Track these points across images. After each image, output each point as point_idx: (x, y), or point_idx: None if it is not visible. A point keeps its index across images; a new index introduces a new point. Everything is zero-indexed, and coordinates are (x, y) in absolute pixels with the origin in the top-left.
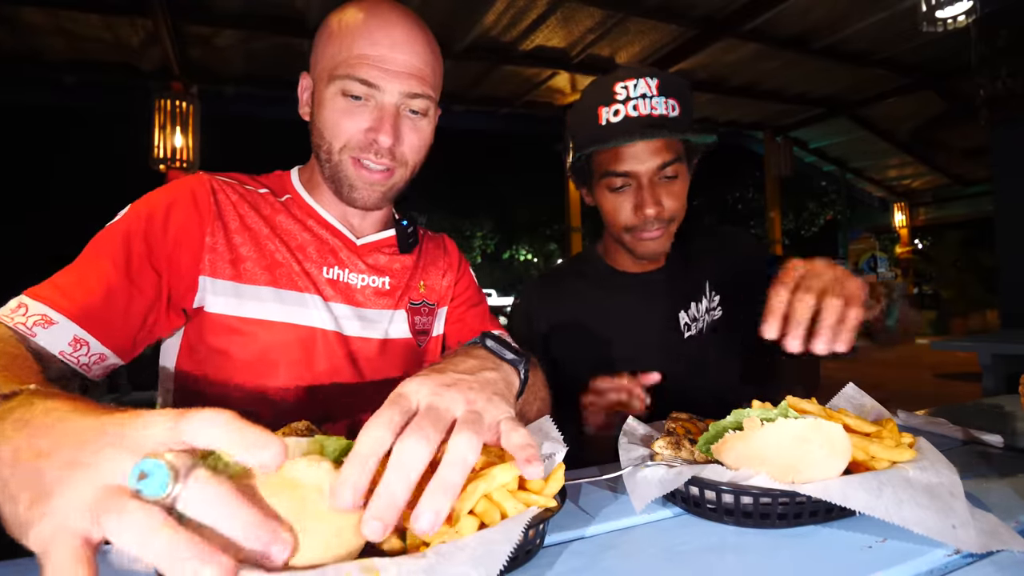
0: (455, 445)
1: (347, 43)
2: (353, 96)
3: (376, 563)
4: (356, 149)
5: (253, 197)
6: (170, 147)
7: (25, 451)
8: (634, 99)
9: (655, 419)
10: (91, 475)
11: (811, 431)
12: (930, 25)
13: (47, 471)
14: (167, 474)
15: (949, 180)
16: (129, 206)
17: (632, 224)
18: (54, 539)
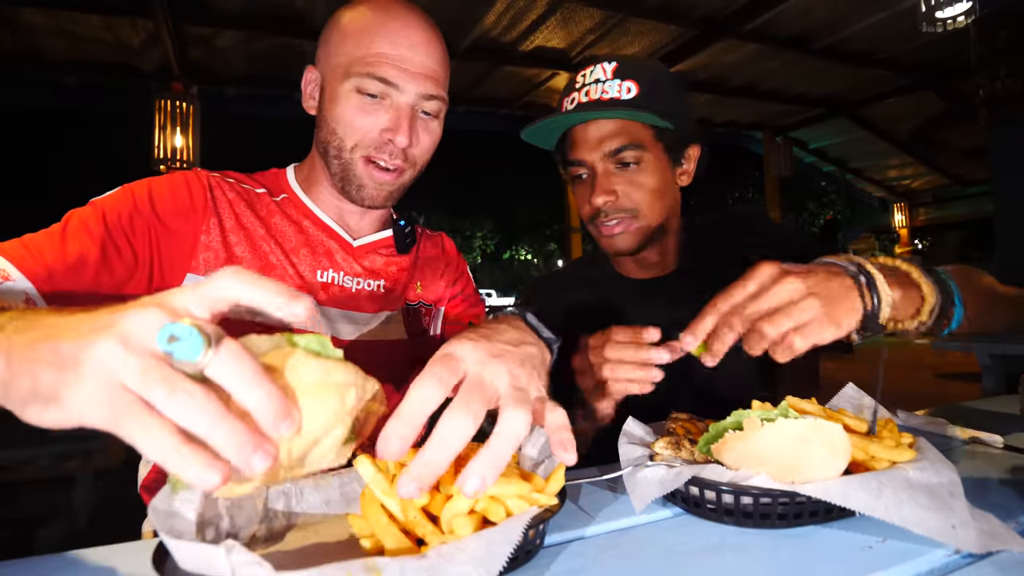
0: (508, 420)
1: (365, 41)
2: (370, 95)
3: (378, 562)
4: (370, 148)
5: (250, 196)
6: (170, 147)
7: (38, 338)
8: (587, 85)
9: (658, 419)
10: (116, 333)
11: (811, 431)
12: (930, 25)
13: (64, 344)
14: (200, 339)
15: (949, 180)
16: (121, 186)
17: (589, 215)
18: (100, 396)
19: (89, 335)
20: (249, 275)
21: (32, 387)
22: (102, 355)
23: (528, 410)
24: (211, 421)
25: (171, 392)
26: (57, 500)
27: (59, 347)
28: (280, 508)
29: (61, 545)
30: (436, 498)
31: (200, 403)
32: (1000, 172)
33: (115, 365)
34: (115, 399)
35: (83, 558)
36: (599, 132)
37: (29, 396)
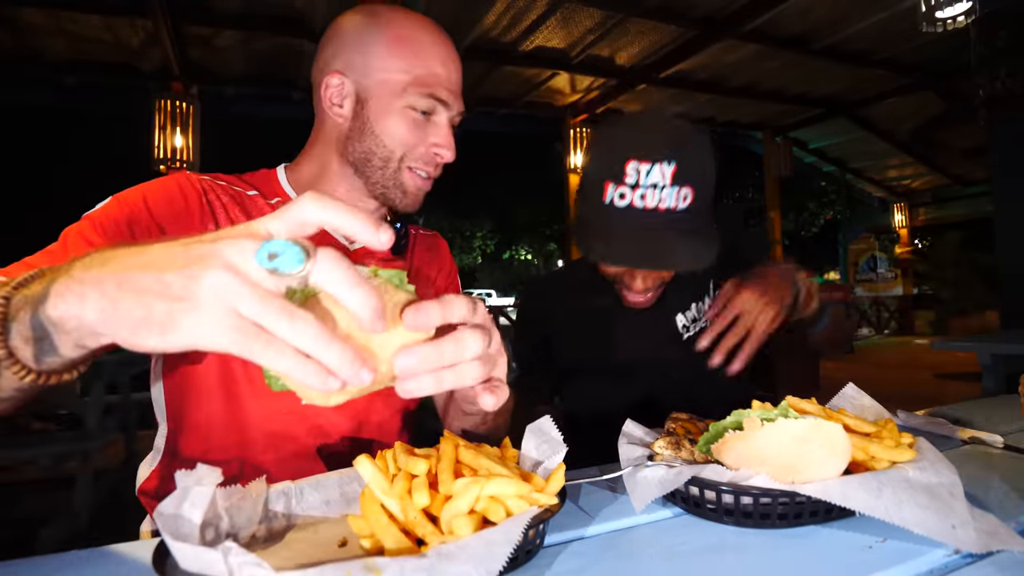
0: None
1: (420, 60)
2: (422, 111)
3: (378, 562)
4: (418, 161)
5: (243, 199)
6: (170, 147)
7: (132, 267)
8: (644, 187)
9: (654, 420)
10: (221, 262)
11: (811, 431)
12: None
13: (168, 275)
14: (299, 249)
15: (949, 180)
16: (111, 196)
17: (621, 283)
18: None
19: (194, 265)
20: (332, 200)
21: (144, 315)
22: (216, 285)
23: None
24: (325, 343)
25: (291, 321)
26: (57, 500)
27: (164, 278)
28: (280, 508)
29: (62, 545)
30: (436, 498)
31: (315, 329)
32: (1000, 172)
33: (231, 295)
34: (238, 327)
35: (83, 558)
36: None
37: (141, 324)
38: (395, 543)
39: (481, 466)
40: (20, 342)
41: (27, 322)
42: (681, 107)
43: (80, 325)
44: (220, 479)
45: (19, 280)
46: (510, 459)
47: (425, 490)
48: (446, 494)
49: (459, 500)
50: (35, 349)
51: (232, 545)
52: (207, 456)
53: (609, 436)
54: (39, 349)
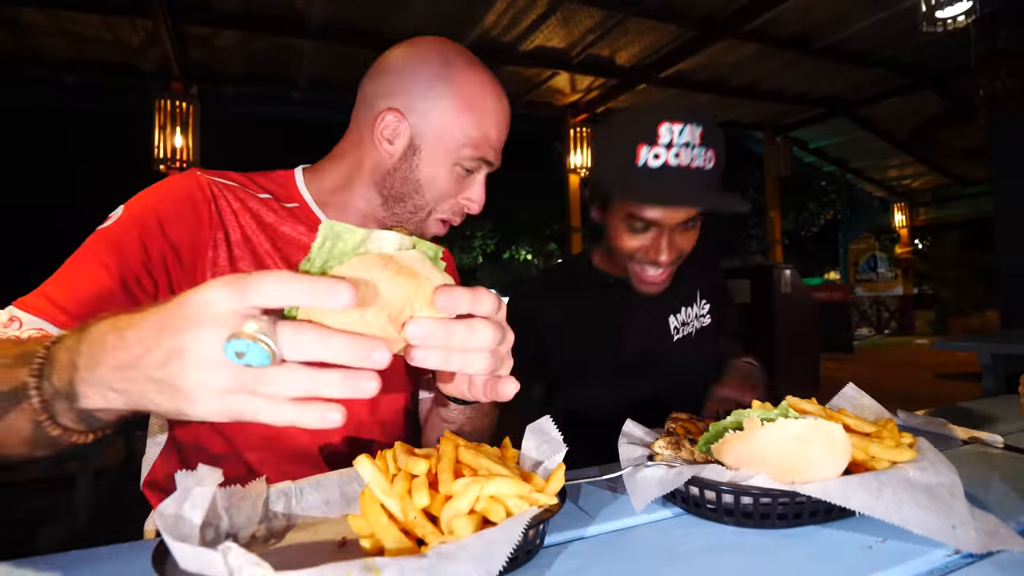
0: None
1: (481, 123)
2: (467, 169)
3: (377, 562)
4: (448, 212)
5: (254, 204)
6: (170, 147)
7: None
8: (677, 146)
9: (648, 419)
10: (190, 359)
11: (811, 431)
12: (930, 25)
13: (152, 373)
14: (261, 348)
15: (949, 180)
16: (122, 207)
17: (640, 257)
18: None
19: (169, 364)
20: (286, 275)
21: (157, 408)
22: (196, 382)
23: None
24: (312, 380)
25: (269, 384)
26: (57, 500)
27: (151, 376)
28: (280, 508)
29: (62, 545)
30: (436, 498)
31: (296, 375)
32: (1000, 172)
33: (214, 383)
34: (230, 405)
35: (84, 558)
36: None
37: (154, 411)
38: (395, 543)
39: (481, 466)
40: (68, 422)
41: (68, 412)
42: None
43: (113, 410)
44: (221, 479)
45: (35, 367)
46: (510, 459)
47: (425, 490)
48: (446, 494)
49: (459, 500)
50: (84, 425)
51: (232, 545)
52: (209, 449)
53: (604, 436)
54: (88, 424)
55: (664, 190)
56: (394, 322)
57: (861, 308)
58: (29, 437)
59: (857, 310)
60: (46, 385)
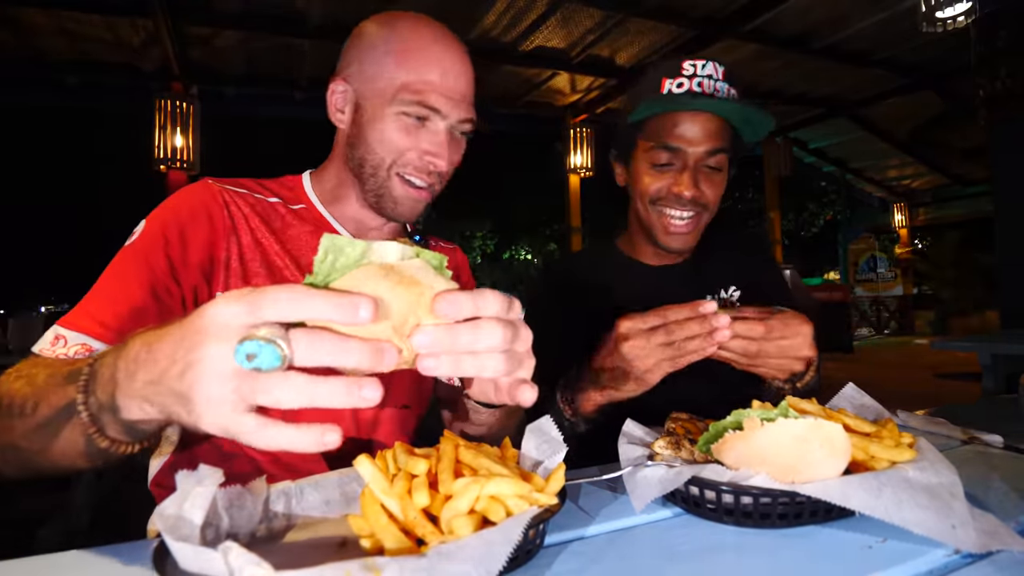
0: None
1: (413, 67)
2: (415, 118)
3: (377, 562)
4: (408, 167)
5: (264, 208)
6: (170, 147)
7: (149, 380)
8: (700, 76)
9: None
10: (201, 371)
11: (811, 431)
12: (930, 25)
13: (172, 385)
14: (273, 348)
15: (949, 180)
16: (144, 222)
17: (663, 196)
18: (224, 420)
19: (185, 376)
20: (296, 290)
21: (180, 420)
22: (206, 395)
23: None
24: (312, 392)
25: (267, 393)
26: (57, 500)
27: (172, 389)
28: (280, 508)
29: (62, 545)
30: (436, 498)
31: (295, 382)
32: (1000, 172)
33: (221, 397)
34: (232, 425)
35: (84, 557)
36: (706, 128)
37: (180, 423)
38: (395, 543)
39: (481, 466)
40: (114, 434)
41: (113, 423)
42: None
43: (151, 420)
44: (221, 479)
45: (81, 384)
46: (510, 459)
47: (425, 490)
48: (446, 494)
49: (459, 500)
50: (129, 436)
51: (232, 545)
52: (220, 448)
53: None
54: (132, 435)
55: (684, 103)
56: (398, 332)
57: (861, 308)
58: (84, 450)
59: (857, 310)
60: (92, 400)
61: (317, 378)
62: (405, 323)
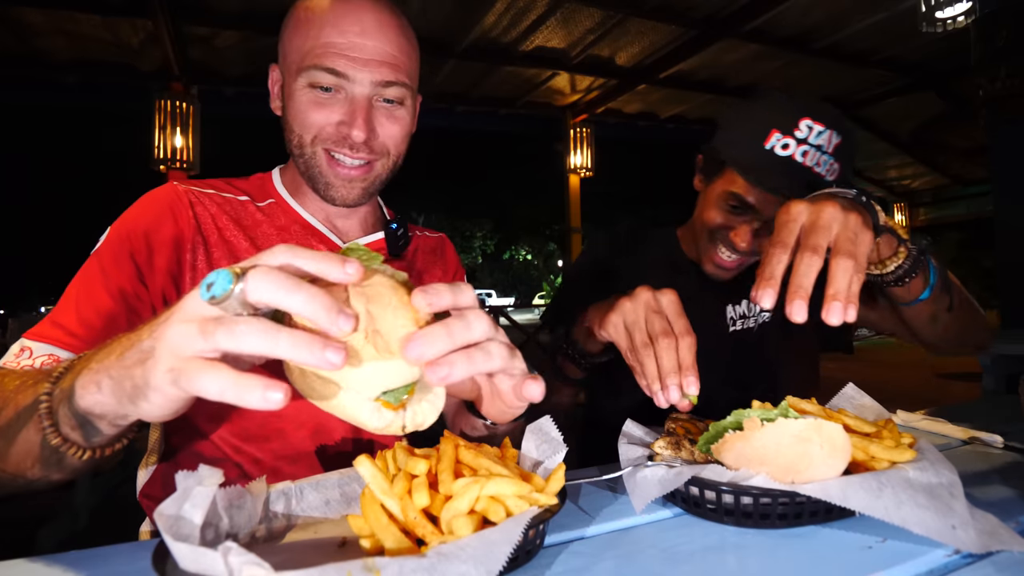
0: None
1: (314, 32)
2: (323, 88)
3: (377, 562)
4: (328, 142)
5: (232, 206)
6: (170, 147)
7: (125, 348)
8: (810, 145)
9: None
10: (173, 316)
11: (811, 431)
12: (930, 25)
13: (144, 342)
14: (227, 273)
15: (949, 180)
16: (109, 228)
17: (721, 236)
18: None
19: (157, 327)
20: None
21: (132, 385)
22: (168, 336)
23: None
24: (271, 337)
25: (228, 329)
26: (57, 500)
27: (141, 346)
28: (280, 508)
29: (62, 545)
30: (436, 498)
31: (256, 326)
32: (1000, 172)
33: (179, 338)
34: (183, 366)
35: (83, 558)
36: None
37: (133, 393)
38: (395, 543)
39: (481, 466)
40: (68, 429)
41: (68, 414)
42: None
43: (105, 410)
44: (221, 479)
45: (56, 375)
46: (510, 459)
47: (425, 490)
48: (446, 494)
49: (459, 500)
50: (82, 433)
51: (232, 545)
52: (205, 457)
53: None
54: (85, 433)
55: (775, 177)
56: (372, 339)
57: None
58: (38, 453)
59: None
60: (57, 391)
61: (281, 327)
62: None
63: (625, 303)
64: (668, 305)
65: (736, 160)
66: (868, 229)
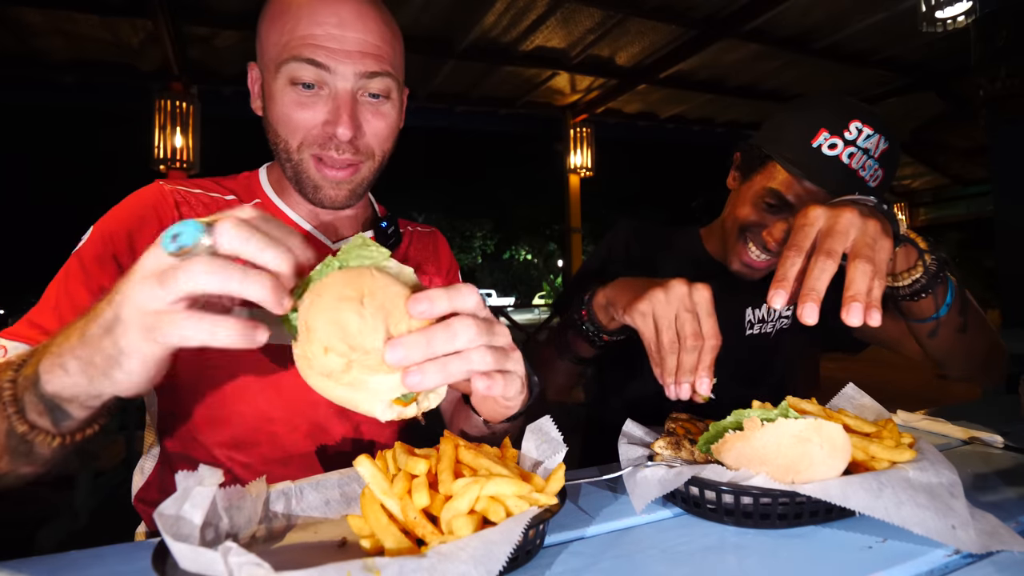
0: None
1: (290, 24)
2: (304, 85)
3: (377, 562)
4: (315, 146)
5: (220, 205)
6: (170, 147)
7: (86, 325)
8: (858, 147)
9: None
10: (132, 276)
11: (811, 431)
12: (930, 25)
13: (106, 312)
14: (198, 224)
15: (949, 180)
16: (92, 228)
17: (754, 233)
18: (146, 322)
19: (115, 296)
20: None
21: (103, 358)
22: (131, 295)
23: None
24: (231, 275)
25: (186, 270)
26: (57, 500)
27: (104, 318)
28: (280, 508)
29: (62, 545)
30: (436, 498)
31: (214, 264)
32: (1000, 172)
33: (142, 295)
34: (153, 322)
35: (83, 558)
36: (824, 195)
37: (106, 366)
38: (395, 543)
39: (481, 466)
40: (36, 416)
41: (35, 399)
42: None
43: (75, 392)
44: (221, 479)
45: (20, 361)
46: (510, 459)
47: (425, 490)
48: (446, 494)
49: (459, 500)
50: (51, 418)
51: (232, 545)
52: (192, 460)
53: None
54: (54, 418)
55: (819, 175)
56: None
57: None
58: (5, 443)
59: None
60: (21, 378)
61: (238, 264)
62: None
63: (659, 293)
64: (701, 303)
65: (782, 154)
66: (888, 237)
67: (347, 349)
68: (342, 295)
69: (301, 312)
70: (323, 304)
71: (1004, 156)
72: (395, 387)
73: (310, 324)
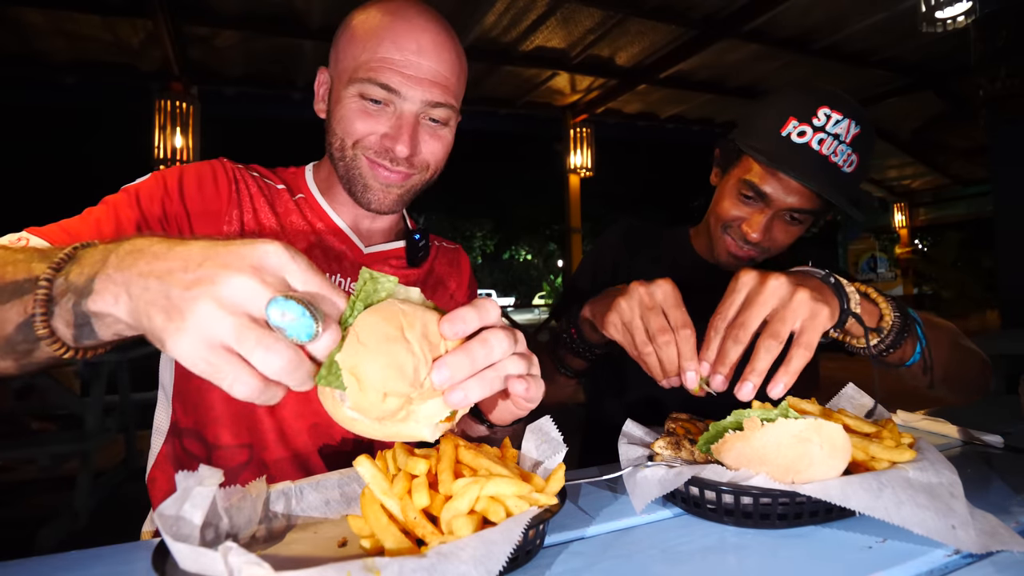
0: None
1: (371, 45)
2: (373, 100)
3: (377, 562)
4: (370, 151)
5: (271, 192)
6: (170, 147)
7: (151, 274)
8: (828, 133)
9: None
10: (215, 292)
11: (811, 431)
12: (930, 25)
13: (172, 289)
14: (312, 322)
15: (949, 180)
16: (150, 175)
17: (734, 227)
18: (200, 349)
19: (193, 288)
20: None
21: (149, 325)
22: (202, 315)
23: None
24: (292, 369)
25: (263, 351)
26: (57, 500)
27: (169, 292)
28: (280, 508)
29: (62, 545)
30: (436, 498)
31: (287, 362)
32: (1000, 172)
33: (213, 327)
34: (210, 356)
35: (83, 558)
36: (800, 190)
37: (146, 329)
38: (395, 543)
39: (481, 466)
40: (61, 325)
41: (70, 310)
42: (686, 106)
43: (116, 319)
44: (221, 479)
45: (56, 261)
46: (510, 459)
47: (425, 490)
48: (446, 494)
49: (459, 500)
50: (76, 332)
51: (232, 545)
52: (209, 439)
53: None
54: (79, 333)
55: (789, 163)
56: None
57: None
58: (9, 334)
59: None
60: (60, 280)
61: (299, 360)
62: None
63: (621, 303)
64: (664, 298)
65: (752, 146)
66: (822, 303)
67: (408, 388)
68: (387, 335)
69: (344, 362)
70: (371, 351)
71: (1004, 156)
72: (440, 408)
73: (361, 374)
